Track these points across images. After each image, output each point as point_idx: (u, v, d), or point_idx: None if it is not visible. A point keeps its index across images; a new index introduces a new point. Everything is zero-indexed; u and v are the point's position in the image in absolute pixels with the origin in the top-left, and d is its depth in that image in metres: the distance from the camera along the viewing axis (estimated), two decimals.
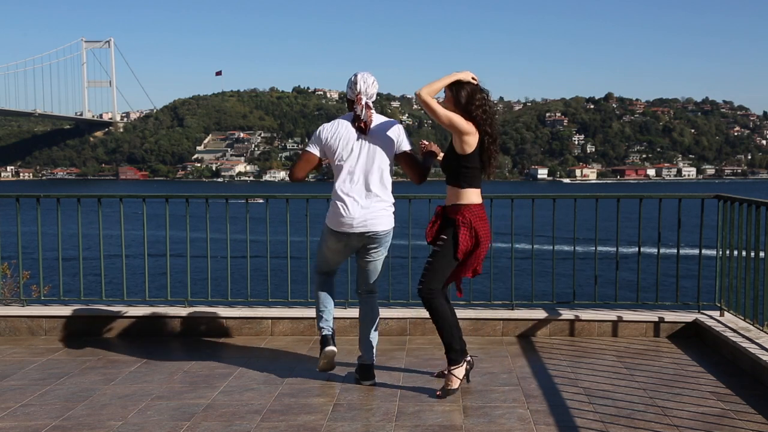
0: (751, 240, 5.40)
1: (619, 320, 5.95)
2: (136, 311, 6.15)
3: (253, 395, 4.55)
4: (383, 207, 4.62)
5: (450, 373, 4.54)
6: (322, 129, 4.64)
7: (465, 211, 4.47)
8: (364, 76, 4.62)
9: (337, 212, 4.58)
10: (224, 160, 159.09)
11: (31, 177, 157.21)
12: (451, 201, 4.55)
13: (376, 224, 4.59)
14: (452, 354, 4.54)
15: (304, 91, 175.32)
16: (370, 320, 4.79)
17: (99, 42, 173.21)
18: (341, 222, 4.57)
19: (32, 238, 6.42)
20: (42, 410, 4.30)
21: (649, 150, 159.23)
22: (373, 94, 4.64)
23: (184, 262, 6.36)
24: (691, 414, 4.18)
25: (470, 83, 4.44)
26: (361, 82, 4.59)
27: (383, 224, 4.62)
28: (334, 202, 4.63)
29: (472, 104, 4.41)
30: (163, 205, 6.35)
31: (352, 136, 4.57)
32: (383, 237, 4.66)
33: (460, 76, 4.44)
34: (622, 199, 6.14)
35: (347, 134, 4.57)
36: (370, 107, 4.60)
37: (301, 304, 6.30)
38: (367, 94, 4.60)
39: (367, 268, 4.77)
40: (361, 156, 4.56)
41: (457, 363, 4.55)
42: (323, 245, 4.79)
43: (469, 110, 4.41)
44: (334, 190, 4.62)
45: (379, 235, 4.62)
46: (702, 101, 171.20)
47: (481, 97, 4.43)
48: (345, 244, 4.68)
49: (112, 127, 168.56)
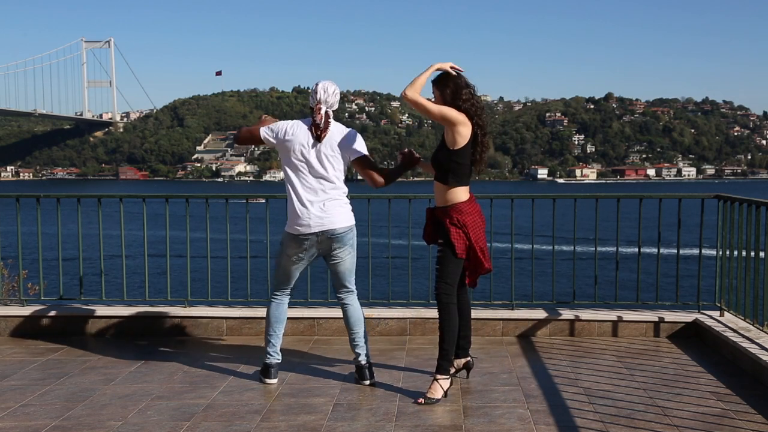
0: (751, 240, 5.40)
1: (619, 320, 5.95)
2: (136, 311, 6.15)
3: (253, 395, 4.55)
4: (339, 204, 4.65)
5: (436, 381, 4.46)
6: (284, 125, 4.69)
7: (452, 212, 4.48)
8: (324, 85, 4.71)
9: (295, 215, 4.62)
10: (224, 160, 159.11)
11: (31, 177, 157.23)
12: (438, 202, 4.57)
13: (334, 222, 4.61)
14: (444, 362, 4.50)
15: (304, 91, 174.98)
16: (355, 320, 4.81)
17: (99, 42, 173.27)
18: (300, 224, 4.61)
19: (32, 238, 6.42)
20: (42, 410, 4.30)
21: (649, 150, 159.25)
22: (334, 103, 4.73)
23: (184, 262, 6.36)
24: (691, 414, 4.18)
25: (455, 80, 4.44)
26: (321, 91, 4.69)
27: (340, 222, 4.63)
28: (291, 206, 4.67)
29: (459, 99, 4.42)
30: (163, 205, 6.35)
31: (308, 141, 4.62)
32: (343, 235, 4.66)
33: (439, 65, 4.45)
34: (622, 199, 6.14)
35: (305, 138, 4.63)
36: (329, 116, 4.67)
37: (301, 304, 6.30)
38: (327, 103, 4.69)
39: (337, 269, 4.78)
40: (315, 161, 4.61)
41: (446, 373, 4.49)
42: (282, 256, 4.79)
43: (458, 105, 4.41)
44: (290, 195, 4.66)
45: (337, 233, 4.63)
46: (702, 101, 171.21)
47: (467, 91, 4.44)
48: (305, 249, 4.68)
49: (112, 127, 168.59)
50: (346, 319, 4.84)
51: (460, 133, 4.40)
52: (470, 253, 4.52)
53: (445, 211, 4.50)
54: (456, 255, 4.47)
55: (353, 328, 4.80)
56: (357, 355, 4.78)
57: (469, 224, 4.47)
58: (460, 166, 4.44)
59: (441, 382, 4.45)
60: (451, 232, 4.45)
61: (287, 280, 4.86)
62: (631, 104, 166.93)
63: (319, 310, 6.14)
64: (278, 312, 4.87)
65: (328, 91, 4.70)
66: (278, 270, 4.85)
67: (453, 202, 4.48)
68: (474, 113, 4.43)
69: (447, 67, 4.46)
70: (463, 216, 4.47)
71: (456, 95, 4.41)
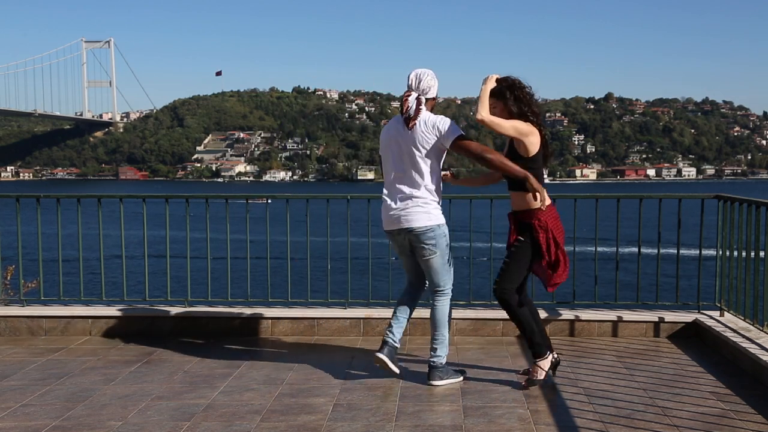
0: (751, 240, 5.40)
1: (619, 320, 5.95)
2: (136, 311, 6.15)
3: (253, 395, 4.55)
4: (417, 204, 4.59)
5: (536, 365, 4.66)
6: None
7: (539, 215, 4.55)
8: (417, 72, 4.62)
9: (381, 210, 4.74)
10: (224, 161, 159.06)
11: (31, 177, 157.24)
12: (521, 206, 4.62)
13: (410, 221, 4.59)
14: (535, 347, 4.66)
15: (304, 91, 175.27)
16: (433, 321, 4.78)
17: (99, 42, 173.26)
18: (382, 219, 4.73)
19: (32, 238, 6.42)
20: (42, 410, 4.30)
21: (649, 150, 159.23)
22: (426, 89, 4.58)
23: (184, 262, 6.36)
24: (691, 414, 4.18)
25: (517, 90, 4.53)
26: (413, 78, 4.61)
27: (417, 221, 4.59)
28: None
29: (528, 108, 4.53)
30: (163, 205, 6.35)
31: (394, 134, 4.61)
32: (421, 234, 4.60)
33: (492, 81, 4.51)
34: (622, 199, 6.14)
35: (393, 131, 4.63)
36: (420, 103, 4.56)
37: (301, 304, 6.30)
38: (419, 90, 4.58)
39: (425, 269, 4.78)
40: (404, 154, 4.58)
41: (542, 355, 4.66)
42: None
43: (525, 115, 4.52)
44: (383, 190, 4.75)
45: (415, 232, 4.60)
46: (702, 101, 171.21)
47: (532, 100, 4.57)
48: (398, 244, 4.76)
49: (112, 127, 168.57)
50: (430, 316, 4.84)
51: (532, 143, 4.53)
52: (551, 256, 4.57)
53: (531, 214, 4.58)
54: (533, 259, 4.58)
55: (431, 329, 4.81)
56: (430, 356, 4.78)
57: (552, 227, 4.56)
58: (536, 170, 4.54)
59: (540, 363, 4.65)
60: (540, 235, 4.54)
61: (406, 274, 4.95)
62: (631, 104, 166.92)
63: (319, 310, 6.13)
64: (401, 295, 4.97)
65: (420, 77, 4.59)
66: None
67: (537, 206, 4.56)
68: (537, 117, 4.56)
69: (493, 80, 4.53)
70: (550, 221, 4.57)
71: (522, 105, 4.52)
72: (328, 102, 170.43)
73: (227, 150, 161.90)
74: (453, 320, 5.98)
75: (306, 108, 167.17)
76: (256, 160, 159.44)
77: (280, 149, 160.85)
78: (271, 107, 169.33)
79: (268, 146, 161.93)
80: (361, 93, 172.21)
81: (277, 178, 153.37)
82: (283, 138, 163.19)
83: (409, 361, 5.26)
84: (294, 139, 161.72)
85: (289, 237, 6.03)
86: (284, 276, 6.13)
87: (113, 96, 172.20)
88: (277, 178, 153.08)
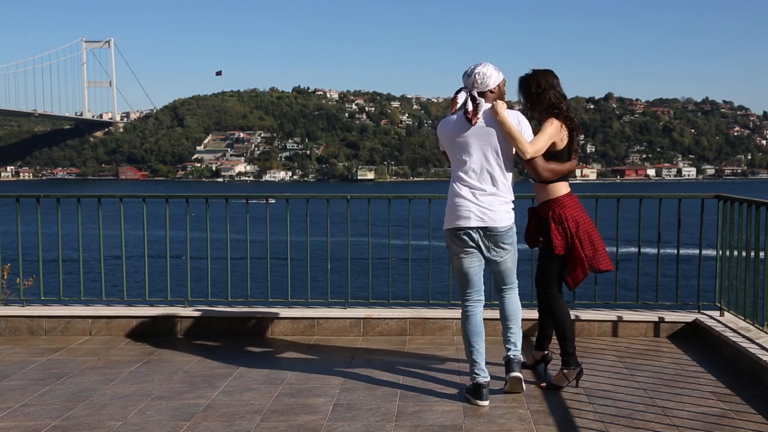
0: (751, 240, 5.40)
1: (619, 320, 5.95)
2: (135, 311, 6.15)
3: (253, 395, 4.55)
4: (500, 203, 4.44)
5: (561, 372, 4.66)
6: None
7: (555, 206, 4.55)
8: (477, 67, 4.48)
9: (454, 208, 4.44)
10: (224, 160, 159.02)
11: (31, 177, 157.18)
12: (540, 198, 4.64)
13: (495, 220, 4.40)
14: (566, 357, 4.65)
15: (304, 91, 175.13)
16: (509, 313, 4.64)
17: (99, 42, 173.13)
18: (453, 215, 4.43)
19: (32, 238, 6.42)
20: (42, 410, 4.30)
21: (649, 150, 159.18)
22: (482, 85, 4.44)
23: (184, 263, 6.36)
24: (691, 414, 4.18)
25: (544, 92, 4.53)
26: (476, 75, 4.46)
27: (501, 221, 4.41)
28: (451, 199, 4.47)
29: (555, 107, 4.52)
30: (163, 205, 6.35)
31: (462, 129, 4.41)
32: (504, 233, 4.44)
33: (501, 108, 4.38)
34: (622, 199, 6.14)
35: (460, 126, 4.42)
36: (475, 99, 4.40)
37: (301, 304, 6.30)
38: (477, 85, 4.44)
39: (497, 269, 4.56)
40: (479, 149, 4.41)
41: (570, 366, 4.64)
42: (451, 257, 4.56)
43: (554, 113, 4.52)
44: (451, 185, 4.49)
45: (498, 231, 4.41)
46: (702, 101, 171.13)
47: (563, 101, 4.56)
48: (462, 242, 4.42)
49: (112, 127, 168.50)
50: (501, 313, 4.67)
51: (561, 139, 4.53)
52: (570, 251, 4.55)
53: (547, 205, 4.58)
54: (553, 253, 4.54)
55: (506, 322, 4.64)
56: (507, 349, 4.61)
57: (569, 218, 4.53)
58: (560, 164, 4.55)
59: (566, 373, 4.65)
60: (551, 228, 4.52)
61: (468, 283, 4.53)
62: (631, 104, 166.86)
63: (319, 310, 6.14)
64: (472, 324, 4.51)
65: (480, 72, 4.44)
66: (455, 274, 4.60)
67: (555, 195, 4.56)
68: (567, 110, 4.55)
69: (500, 103, 4.43)
70: (564, 210, 4.54)
71: (550, 103, 4.53)
72: (328, 102, 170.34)
73: (227, 150, 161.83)
74: (453, 320, 5.99)
75: (306, 108, 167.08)
76: (256, 160, 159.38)
77: (280, 149, 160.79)
78: (271, 107, 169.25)
79: (268, 146, 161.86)
80: (361, 93, 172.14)
81: (277, 178, 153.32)
82: (283, 138, 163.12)
83: (410, 361, 5.26)
84: (294, 139, 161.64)
85: (289, 237, 6.04)
86: (284, 276, 6.13)
87: (113, 96, 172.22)
88: (277, 178, 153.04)
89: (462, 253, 4.46)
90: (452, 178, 4.51)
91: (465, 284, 4.53)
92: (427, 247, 6.36)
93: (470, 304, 4.54)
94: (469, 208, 4.39)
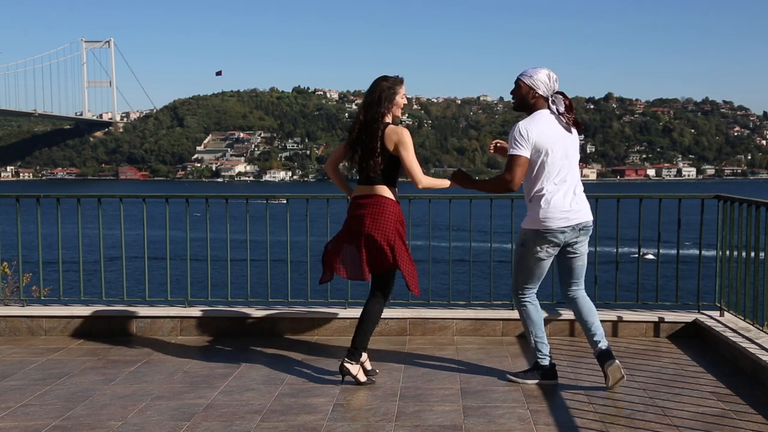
0: (751, 240, 5.40)
1: (619, 320, 5.95)
2: (136, 311, 6.15)
3: (253, 395, 4.55)
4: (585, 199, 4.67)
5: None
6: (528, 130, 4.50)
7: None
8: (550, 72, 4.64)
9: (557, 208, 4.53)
10: (224, 160, 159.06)
11: (31, 177, 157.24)
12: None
13: (588, 215, 4.65)
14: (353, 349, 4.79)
15: (304, 91, 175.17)
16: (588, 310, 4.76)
17: (99, 42, 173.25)
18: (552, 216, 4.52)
19: (32, 238, 6.42)
20: (42, 410, 4.30)
21: (649, 150, 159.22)
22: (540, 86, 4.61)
23: (184, 263, 6.36)
24: (691, 414, 4.18)
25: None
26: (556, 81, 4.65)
27: (590, 216, 4.68)
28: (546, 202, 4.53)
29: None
30: (163, 205, 6.35)
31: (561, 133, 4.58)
32: (589, 228, 4.69)
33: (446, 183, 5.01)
34: (622, 199, 6.14)
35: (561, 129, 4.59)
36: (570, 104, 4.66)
37: (301, 304, 6.30)
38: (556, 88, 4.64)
39: (575, 265, 4.72)
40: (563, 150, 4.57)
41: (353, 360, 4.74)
42: (529, 257, 4.66)
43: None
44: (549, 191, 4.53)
45: (589, 225, 4.65)
46: (702, 101, 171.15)
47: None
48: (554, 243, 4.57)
49: (112, 127, 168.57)
50: (579, 312, 4.76)
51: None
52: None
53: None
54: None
55: (588, 318, 4.72)
56: (597, 343, 4.65)
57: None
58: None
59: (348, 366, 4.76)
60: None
61: (537, 280, 4.78)
62: (631, 104, 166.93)
63: (319, 310, 6.13)
64: (539, 311, 4.84)
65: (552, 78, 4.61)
66: (524, 272, 4.73)
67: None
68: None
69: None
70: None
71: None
72: (328, 102, 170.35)
73: (227, 150, 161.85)
74: (453, 320, 5.99)
75: (306, 108, 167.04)
76: (256, 160, 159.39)
77: (280, 149, 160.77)
78: (271, 107, 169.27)
79: (268, 146, 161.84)
80: (361, 93, 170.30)
81: (277, 178, 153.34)
82: (283, 138, 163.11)
83: (410, 361, 5.26)
84: (294, 139, 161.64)
85: (289, 237, 6.04)
86: (284, 276, 6.13)
87: (113, 96, 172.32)
88: (277, 178, 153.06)
89: (547, 253, 4.64)
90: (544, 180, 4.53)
91: (533, 281, 4.77)
92: (427, 247, 6.37)
93: (531, 296, 4.81)
94: (569, 207, 4.56)
